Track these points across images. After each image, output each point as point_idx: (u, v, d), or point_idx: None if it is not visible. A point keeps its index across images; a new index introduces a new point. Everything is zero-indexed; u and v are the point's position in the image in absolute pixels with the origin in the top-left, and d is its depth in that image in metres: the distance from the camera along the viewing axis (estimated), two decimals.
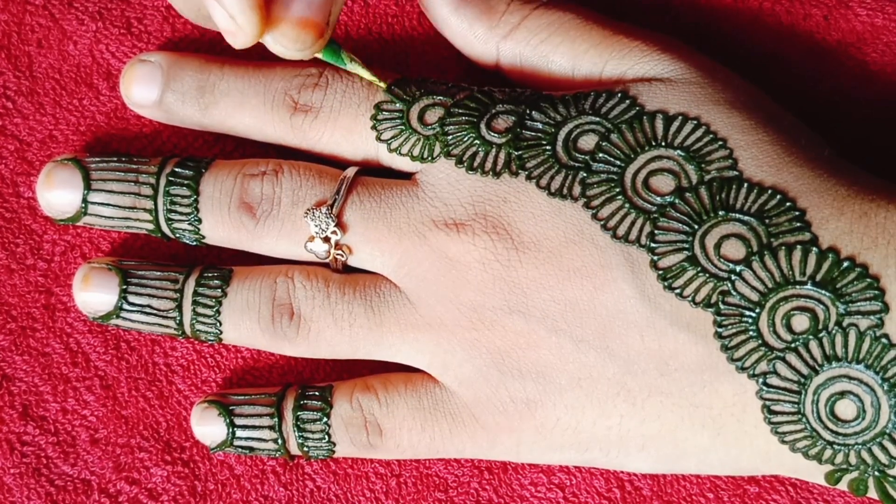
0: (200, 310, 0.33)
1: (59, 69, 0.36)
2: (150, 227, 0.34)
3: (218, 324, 0.33)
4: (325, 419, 0.32)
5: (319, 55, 0.30)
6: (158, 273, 0.33)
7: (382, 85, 0.32)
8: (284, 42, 0.27)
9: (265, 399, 0.33)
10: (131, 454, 0.34)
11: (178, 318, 0.33)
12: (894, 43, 0.34)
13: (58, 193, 0.33)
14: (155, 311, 0.33)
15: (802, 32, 0.34)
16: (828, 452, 0.29)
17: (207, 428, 0.33)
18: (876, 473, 0.28)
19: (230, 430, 0.33)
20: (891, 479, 0.28)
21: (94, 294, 0.33)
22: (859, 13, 0.34)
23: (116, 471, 0.34)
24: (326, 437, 0.32)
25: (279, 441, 0.33)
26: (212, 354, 0.35)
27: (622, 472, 0.33)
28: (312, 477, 0.34)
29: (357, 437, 0.32)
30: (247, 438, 0.33)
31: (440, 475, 0.34)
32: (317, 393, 0.33)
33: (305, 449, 0.33)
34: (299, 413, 0.33)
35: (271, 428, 0.33)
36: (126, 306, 0.33)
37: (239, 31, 0.26)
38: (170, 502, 0.34)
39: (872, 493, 0.29)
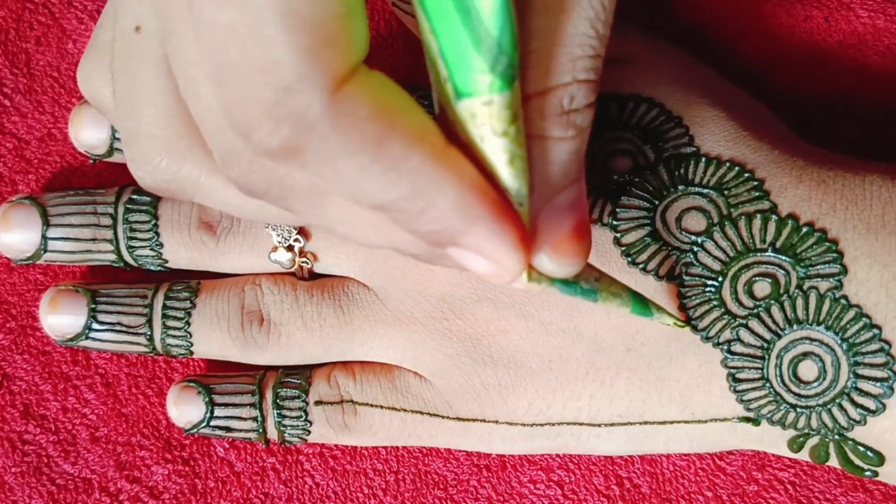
0: (170, 323, 0.33)
1: (58, 67, 0.35)
2: (112, 257, 0.34)
3: (188, 336, 0.33)
4: (303, 396, 0.33)
5: (627, 309, 0.27)
6: (127, 290, 0.33)
7: (685, 327, 0.30)
8: (564, 261, 0.24)
9: (246, 378, 0.33)
10: (132, 452, 0.34)
11: (149, 333, 0.33)
12: (895, 45, 0.34)
13: (16, 234, 0.33)
14: (125, 329, 0.33)
15: (803, 34, 0.34)
16: (791, 416, 0.29)
17: (185, 408, 0.33)
18: (836, 437, 0.29)
19: (209, 408, 0.33)
20: (850, 442, 0.29)
21: (62, 317, 0.33)
22: (860, 15, 0.34)
23: (117, 469, 0.34)
24: (304, 414, 0.33)
25: (258, 419, 0.33)
26: None
27: (621, 469, 0.33)
28: (311, 474, 0.34)
29: (332, 415, 0.33)
30: (225, 417, 0.33)
31: (439, 472, 0.34)
32: (297, 373, 0.33)
33: (282, 429, 0.33)
34: (279, 390, 0.33)
35: (252, 405, 0.33)
36: (96, 325, 0.33)
37: (505, 272, 0.23)
38: (170, 500, 0.34)
39: (834, 462, 0.30)
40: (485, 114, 0.22)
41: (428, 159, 0.21)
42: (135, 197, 0.33)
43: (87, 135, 0.33)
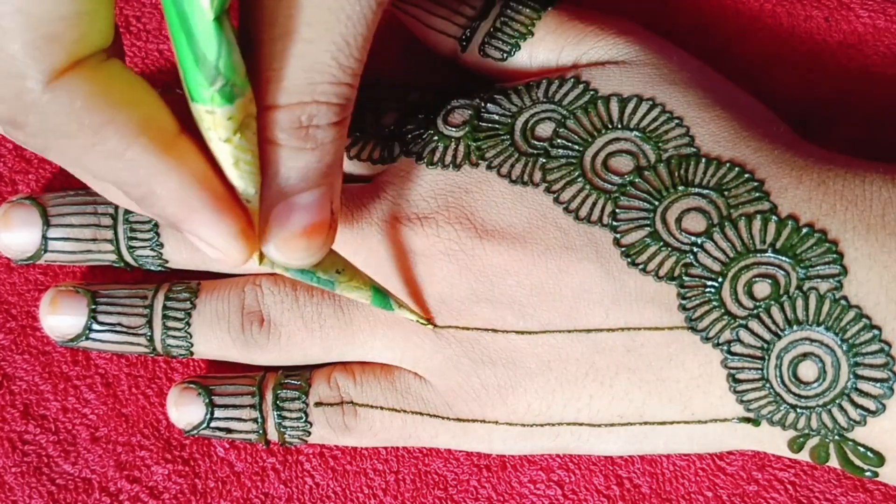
0: (171, 323, 0.33)
1: None
2: (113, 257, 0.34)
3: (189, 336, 0.33)
4: (303, 397, 0.33)
5: (367, 301, 0.30)
6: (127, 291, 0.33)
7: (427, 325, 0.32)
8: (292, 255, 0.27)
9: (246, 380, 0.33)
10: (132, 452, 0.34)
11: (149, 334, 0.33)
12: (895, 45, 0.34)
13: (16, 234, 0.33)
14: (125, 329, 0.33)
15: (803, 34, 0.34)
16: (791, 417, 0.29)
17: (185, 409, 0.33)
18: (836, 438, 0.29)
19: (209, 409, 0.33)
20: (850, 443, 0.29)
21: (63, 317, 0.33)
22: (861, 15, 0.34)
23: (117, 469, 0.34)
24: (304, 415, 0.33)
25: (258, 421, 0.33)
26: None
27: (621, 469, 0.33)
28: (311, 474, 0.34)
29: (333, 416, 0.33)
30: (226, 419, 0.33)
31: (439, 472, 0.34)
32: (297, 374, 0.33)
33: (282, 430, 0.33)
34: (279, 392, 0.33)
35: (252, 406, 0.33)
36: (96, 326, 0.33)
37: (227, 258, 0.26)
38: (170, 500, 0.34)
39: (834, 462, 0.30)
40: (209, 120, 0.24)
41: (148, 152, 0.24)
42: None
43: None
